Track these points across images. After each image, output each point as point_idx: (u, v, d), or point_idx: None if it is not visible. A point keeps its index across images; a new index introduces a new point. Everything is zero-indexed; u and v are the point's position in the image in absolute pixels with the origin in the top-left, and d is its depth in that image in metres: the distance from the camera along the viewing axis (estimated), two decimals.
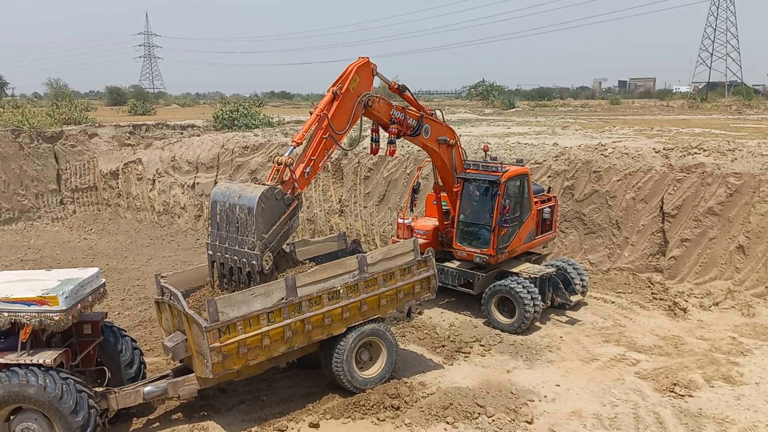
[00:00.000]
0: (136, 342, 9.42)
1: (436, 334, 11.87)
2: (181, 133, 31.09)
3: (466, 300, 13.32)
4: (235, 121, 31.71)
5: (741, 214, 14.05)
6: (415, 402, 9.11)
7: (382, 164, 19.45)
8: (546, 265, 13.39)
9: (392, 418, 8.71)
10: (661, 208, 15.07)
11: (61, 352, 7.92)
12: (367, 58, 10.23)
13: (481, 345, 11.39)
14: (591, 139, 19.90)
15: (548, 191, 14.76)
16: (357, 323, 9.25)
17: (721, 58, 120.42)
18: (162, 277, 9.10)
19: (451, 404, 8.96)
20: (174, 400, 8.94)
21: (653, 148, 16.36)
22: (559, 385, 9.81)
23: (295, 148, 9.22)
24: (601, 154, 16.62)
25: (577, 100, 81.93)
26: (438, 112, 12.14)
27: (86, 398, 7.63)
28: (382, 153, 11.44)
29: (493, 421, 8.64)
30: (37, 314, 7.53)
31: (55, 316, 7.56)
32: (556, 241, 16.02)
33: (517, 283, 12.00)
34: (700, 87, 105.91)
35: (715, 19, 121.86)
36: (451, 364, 10.63)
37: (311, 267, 9.09)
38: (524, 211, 12.97)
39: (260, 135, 24.69)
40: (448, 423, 8.61)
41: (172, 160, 24.73)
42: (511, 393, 9.45)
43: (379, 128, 11.05)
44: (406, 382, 9.68)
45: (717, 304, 13.19)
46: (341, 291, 8.94)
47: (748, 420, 8.71)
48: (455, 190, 12.65)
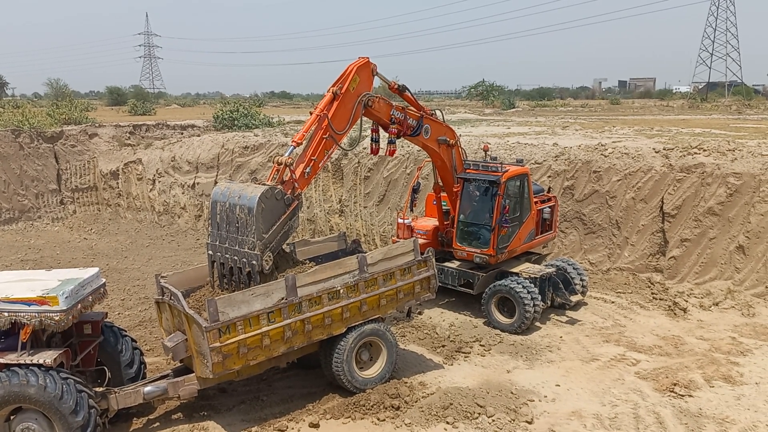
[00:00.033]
0: (136, 342, 9.42)
1: (436, 334, 11.87)
2: (181, 133, 31.10)
3: (466, 300, 13.32)
4: (235, 121, 31.70)
5: (741, 214, 14.05)
6: (415, 402, 9.11)
7: (382, 164, 19.45)
8: (546, 265, 13.40)
9: (392, 418, 8.72)
10: (661, 208, 15.07)
11: (62, 352, 7.92)
12: (367, 58, 10.23)
13: (481, 345, 11.39)
14: (591, 139, 19.89)
15: (548, 191, 14.76)
16: (357, 323, 9.26)
17: (721, 58, 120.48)
18: (162, 277, 9.11)
19: (451, 404, 8.97)
20: (174, 400, 8.94)
21: (653, 148, 16.36)
22: (559, 385, 9.81)
23: (295, 148, 9.22)
24: (601, 154, 16.62)
25: (577, 100, 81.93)
26: (438, 112, 12.14)
27: (86, 398, 7.64)
28: (382, 153, 11.42)
29: (493, 421, 8.64)
30: (37, 314, 7.54)
31: (56, 316, 7.57)
32: (556, 241, 16.03)
33: (517, 283, 12.01)
34: (700, 87, 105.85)
35: (715, 19, 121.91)
36: (451, 364, 10.63)
37: (311, 267, 9.09)
38: (524, 211, 12.98)
39: (260, 135, 24.69)
40: (448, 423, 8.62)
41: (172, 160, 24.74)
42: (511, 393, 9.45)
43: (379, 128, 11.05)
44: (406, 382, 9.69)
45: (717, 304, 13.19)
46: (341, 291, 8.94)
47: (748, 420, 8.72)
48: (455, 190, 12.65)
